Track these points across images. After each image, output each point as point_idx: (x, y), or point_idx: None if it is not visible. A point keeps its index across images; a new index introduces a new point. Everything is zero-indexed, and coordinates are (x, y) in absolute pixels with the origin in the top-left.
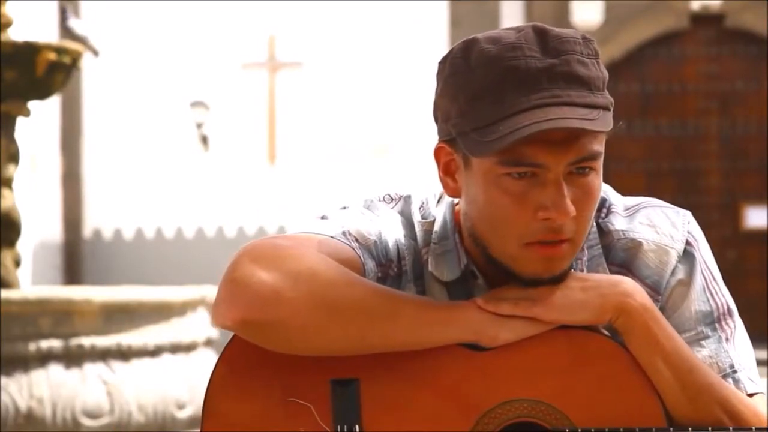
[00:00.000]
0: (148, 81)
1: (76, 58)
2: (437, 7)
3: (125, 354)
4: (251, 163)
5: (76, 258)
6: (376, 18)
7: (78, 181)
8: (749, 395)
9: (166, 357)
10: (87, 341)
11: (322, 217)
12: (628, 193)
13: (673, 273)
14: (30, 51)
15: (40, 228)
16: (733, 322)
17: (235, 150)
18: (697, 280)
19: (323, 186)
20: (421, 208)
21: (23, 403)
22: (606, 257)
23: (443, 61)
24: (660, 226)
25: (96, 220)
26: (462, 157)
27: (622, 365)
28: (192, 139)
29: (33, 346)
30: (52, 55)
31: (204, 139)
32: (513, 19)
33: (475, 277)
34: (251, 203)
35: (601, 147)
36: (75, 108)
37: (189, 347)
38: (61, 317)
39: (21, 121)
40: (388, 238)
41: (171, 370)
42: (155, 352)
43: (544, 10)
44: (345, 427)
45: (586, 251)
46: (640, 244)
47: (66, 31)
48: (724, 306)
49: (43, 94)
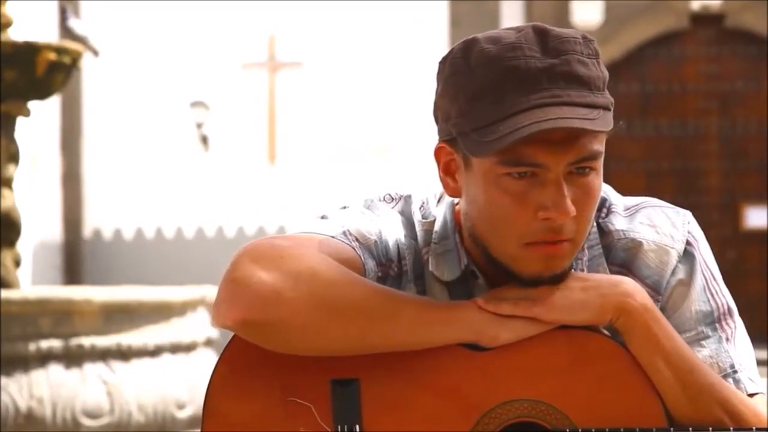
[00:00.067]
0: (148, 81)
1: (76, 58)
2: (437, 7)
3: (125, 354)
4: (251, 163)
5: (76, 258)
6: (376, 18)
7: (78, 181)
8: (750, 395)
9: (166, 357)
10: (87, 341)
11: (323, 216)
12: (628, 193)
13: (673, 273)
14: (30, 51)
15: (40, 228)
16: (734, 322)
17: (235, 150)
18: (698, 280)
19: (323, 186)
20: (421, 208)
21: (23, 403)
22: (606, 257)
23: (443, 61)
24: (660, 226)
25: (96, 220)
26: (462, 157)
27: (623, 365)
28: (192, 139)
29: (33, 346)
30: (52, 55)
31: (204, 139)
32: (513, 19)
33: (476, 276)
34: (251, 203)
35: (601, 147)
36: (75, 108)
37: (189, 347)
38: (61, 317)
39: (21, 121)
40: (389, 237)
41: (171, 370)
42: (155, 352)
43: (544, 10)
44: (345, 427)
45: (587, 251)
46: (640, 244)
47: (66, 31)
48: (725, 306)
49: (43, 94)
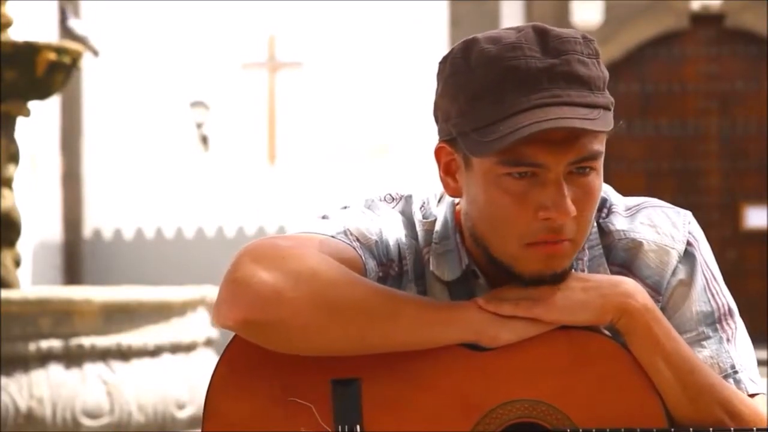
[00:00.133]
0: (148, 81)
1: (76, 58)
2: (437, 7)
3: (125, 354)
4: (251, 163)
5: (76, 258)
6: (376, 18)
7: (78, 181)
8: (750, 396)
9: (166, 357)
10: (87, 341)
11: (323, 216)
12: (628, 193)
13: (673, 273)
14: (30, 51)
15: (40, 228)
16: (734, 322)
17: (235, 150)
18: (698, 281)
19: (323, 186)
20: (422, 208)
21: (23, 403)
22: (607, 257)
23: (443, 61)
24: (661, 226)
25: (96, 220)
26: (462, 157)
27: (623, 365)
28: (192, 139)
29: (33, 346)
30: (52, 55)
31: (204, 139)
32: (513, 19)
33: (477, 276)
34: (251, 203)
35: (601, 147)
36: (75, 108)
37: (189, 347)
38: (61, 317)
39: (21, 121)
40: (389, 237)
41: (171, 370)
42: (155, 352)
43: (544, 10)
44: (346, 427)
45: (587, 251)
46: (640, 245)
47: (66, 31)
48: (725, 306)
49: (43, 94)
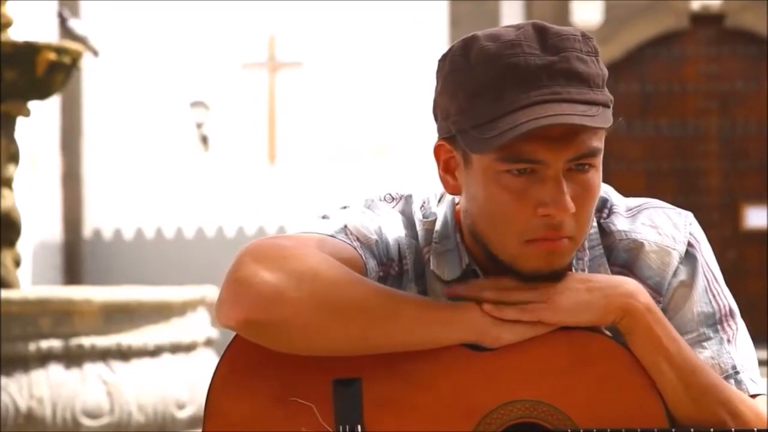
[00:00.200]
0: (148, 81)
1: (76, 58)
2: (437, 7)
3: (125, 354)
4: (251, 163)
5: (76, 258)
6: (376, 18)
7: (78, 181)
8: (751, 396)
9: (166, 357)
10: (87, 341)
11: (324, 216)
12: (628, 193)
13: (674, 274)
14: (30, 51)
15: (40, 228)
16: (735, 323)
17: (235, 150)
18: (699, 282)
19: (323, 186)
20: (422, 207)
21: (23, 403)
22: (608, 258)
23: (443, 59)
24: (662, 227)
25: (96, 220)
26: (462, 155)
27: (624, 365)
28: (192, 139)
29: (33, 346)
30: (52, 55)
31: (204, 139)
32: (513, 19)
33: (477, 275)
34: (251, 203)
35: (600, 144)
36: (75, 108)
37: (189, 347)
38: (61, 317)
39: (21, 121)
40: (389, 237)
41: (171, 370)
42: (155, 352)
43: (544, 10)
44: (347, 427)
45: (588, 251)
46: (642, 245)
47: (66, 31)
48: (726, 307)
49: (43, 94)
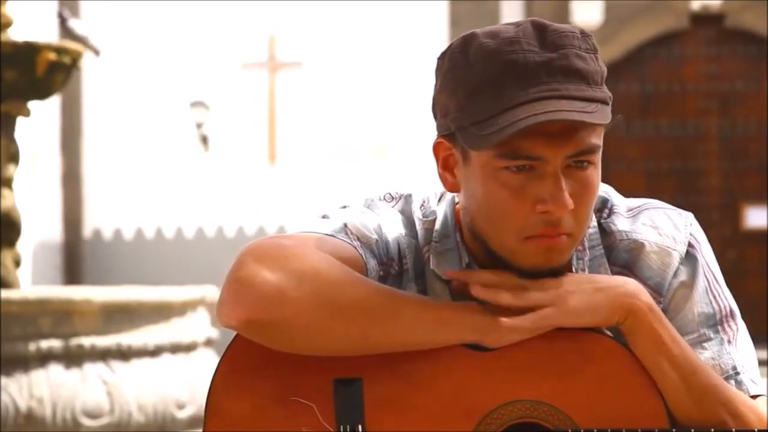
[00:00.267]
0: (148, 81)
1: (76, 58)
2: (437, 7)
3: (125, 354)
4: (251, 163)
5: (76, 258)
6: (376, 18)
7: (78, 181)
8: (752, 397)
9: (166, 357)
10: (87, 341)
11: (324, 216)
12: (628, 193)
13: (675, 275)
14: (30, 51)
15: (40, 228)
16: (736, 324)
17: (235, 150)
18: (700, 282)
19: (323, 186)
20: (422, 207)
21: (23, 403)
22: (608, 258)
23: (442, 57)
24: (662, 227)
25: (96, 220)
26: (461, 152)
27: (624, 365)
28: (192, 139)
29: (33, 346)
30: (52, 55)
31: (204, 139)
32: (513, 19)
33: None
34: (251, 203)
35: (599, 140)
36: (75, 108)
37: (189, 347)
38: (61, 317)
39: (21, 121)
40: (389, 236)
41: (171, 370)
42: (155, 352)
43: (543, 10)
44: (348, 426)
45: (588, 251)
46: (642, 246)
47: (66, 31)
48: (727, 308)
49: (43, 94)
